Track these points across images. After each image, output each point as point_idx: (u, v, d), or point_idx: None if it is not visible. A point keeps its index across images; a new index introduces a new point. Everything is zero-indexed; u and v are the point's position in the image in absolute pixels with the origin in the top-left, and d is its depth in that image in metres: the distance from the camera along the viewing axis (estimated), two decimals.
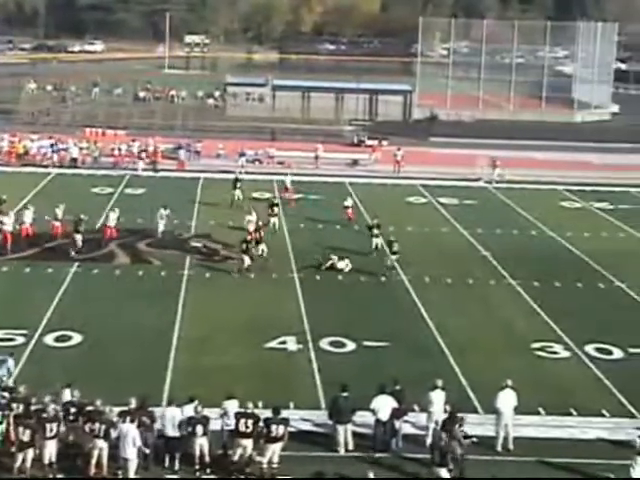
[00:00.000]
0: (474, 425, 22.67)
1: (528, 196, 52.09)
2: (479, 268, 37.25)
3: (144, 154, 55.63)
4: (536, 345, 29.04)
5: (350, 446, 21.80)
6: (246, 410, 20.97)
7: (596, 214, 48.67)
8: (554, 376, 26.77)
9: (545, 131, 71.95)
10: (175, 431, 20.86)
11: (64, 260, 35.46)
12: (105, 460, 20.24)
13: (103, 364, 26.00)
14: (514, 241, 42.14)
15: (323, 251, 37.02)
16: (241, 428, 20.59)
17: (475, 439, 21.30)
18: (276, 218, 41.35)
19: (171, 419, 20.87)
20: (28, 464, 20.06)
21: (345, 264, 35.79)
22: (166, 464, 20.71)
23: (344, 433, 21.81)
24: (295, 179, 50.19)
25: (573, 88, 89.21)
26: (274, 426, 20.49)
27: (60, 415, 20.60)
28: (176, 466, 20.67)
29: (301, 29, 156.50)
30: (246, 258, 35.08)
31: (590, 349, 28.83)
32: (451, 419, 21.03)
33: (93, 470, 20.15)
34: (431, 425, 22.00)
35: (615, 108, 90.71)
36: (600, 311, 32.84)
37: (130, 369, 23.44)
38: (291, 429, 21.91)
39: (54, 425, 20.17)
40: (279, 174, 53.62)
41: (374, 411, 21.90)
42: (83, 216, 38.09)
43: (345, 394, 22.05)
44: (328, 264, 35.74)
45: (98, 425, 20.17)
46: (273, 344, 28.28)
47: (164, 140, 59.95)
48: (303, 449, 21.66)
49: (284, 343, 28.41)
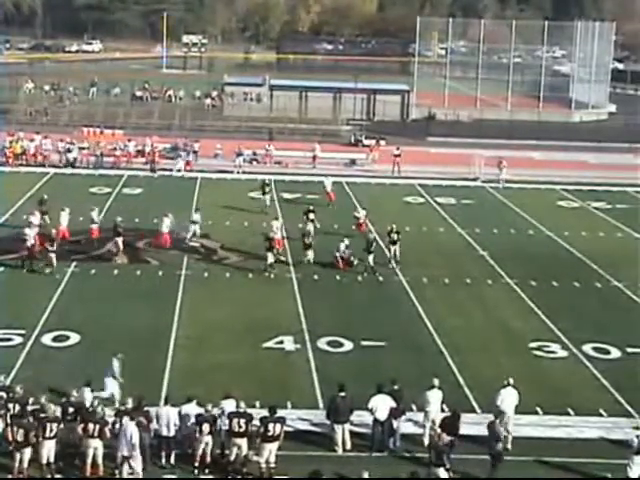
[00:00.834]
0: (471, 425, 22.73)
1: (525, 196, 52.13)
2: (476, 268, 37.28)
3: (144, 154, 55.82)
4: (534, 345, 29.08)
5: (348, 446, 21.84)
6: (239, 410, 21.02)
7: (593, 214, 48.72)
8: (552, 376, 26.81)
9: (542, 131, 71.98)
10: (171, 431, 20.87)
11: (62, 260, 35.39)
12: (100, 460, 20.26)
13: (101, 364, 25.96)
14: (511, 241, 42.17)
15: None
16: (235, 428, 20.64)
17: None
18: (312, 225, 39.67)
19: (166, 418, 20.89)
20: (25, 464, 20.08)
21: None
22: (163, 463, 20.75)
23: (342, 433, 21.84)
24: (293, 179, 50.20)
25: (570, 88, 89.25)
26: (271, 425, 20.50)
27: (59, 415, 20.62)
28: (170, 463, 20.72)
29: (299, 29, 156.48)
30: (270, 255, 35.32)
31: (588, 349, 28.87)
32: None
33: (89, 470, 20.18)
34: (428, 424, 22.03)
35: (612, 108, 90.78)
36: (597, 311, 32.89)
37: (128, 369, 23.41)
38: (289, 429, 21.98)
39: (54, 425, 20.19)
40: (277, 174, 53.78)
41: (372, 410, 21.93)
42: (120, 220, 38.00)
43: (343, 394, 22.07)
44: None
45: (92, 425, 20.19)
46: (271, 344, 28.30)
47: (162, 140, 59.93)
48: (301, 449, 21.70)
49: (282, 343, 28.44)
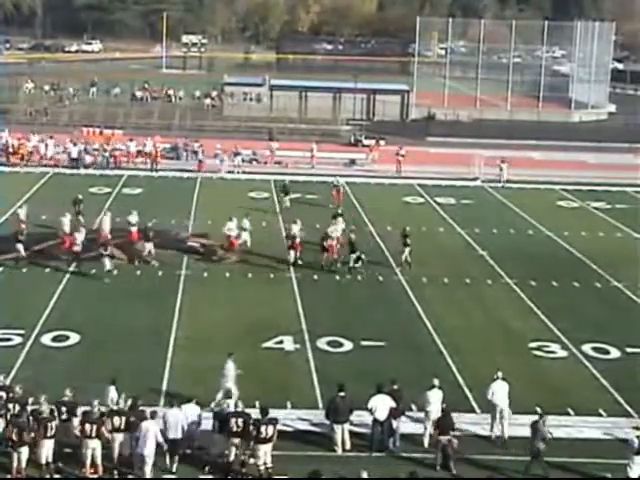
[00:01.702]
0: (471, 424, 22.76)
1: (525, 196, 52.13)
2: (476, 268, 37.28)
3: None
4: (533, 345, 29.10)
5: (347, 446, 21.84)
6: (237, 409, 21.02)
7: (593, 214, 48.72)
8: (551, 376, 26.83)
9: (542, 131, 71.98)
10: (178, 433, 20.82)
11: (61, 260, 35.38)
12: (99, 460, 20.27)
13: (100, 364, 26.00)
14: (511, 241, 42.17)
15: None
16: (233, 428, 20.64)
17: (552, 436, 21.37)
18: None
19: (174, 421, 20.82)
20: (23, 464, 20.09)
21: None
22: (167, 466, 20.72)
23: (341, 433, 21.85)
24: (292, 179, 50.18)
25: (570, 88, 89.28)
26: (263, 427, 20.45)
27: (56, 414, 20.64)
28: (174, 468, 20.71)
29: (298, 29, 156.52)
30: (325, 255, 35.41)
31: (587, 348, 28.88)
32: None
33: (88, 470, 20.18)
34: (428, 424, 22.03)
35: (612, 108, 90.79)
36: (597, 311, 32.89)
37: (127, 369, 23.44)
38: (288, 429, 22.02)
39: (52, 424, 20.21)
40: (276, 174, 53.80)
41: (371, 410, 21.93)
42: (150, 224, 37.98)
43: (342, 394, 22.08)
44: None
45: (89, 425, 20.20)
46: (270, 344, 28.31)
47: (164, 140, 59.94)
48: (300, 449, 21.72)
49: (281, 343, 28.45)
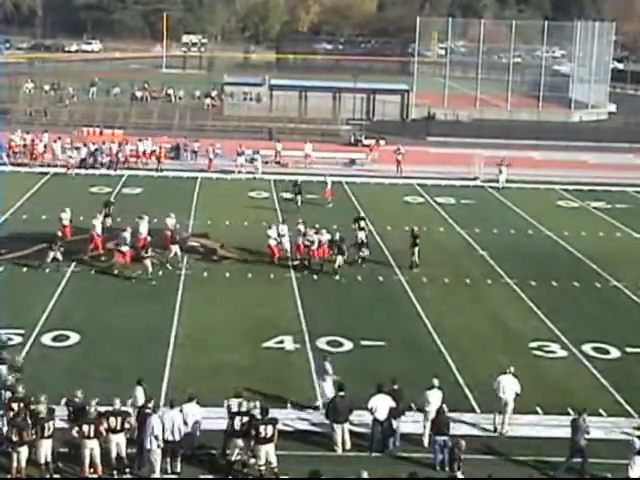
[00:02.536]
0: (470, 425, 22.77)
1: (525, 195, 52.15)
2: (476, 267, 37.29)
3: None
4: (533, 344, 29.11)
5: (347, 445, 21.84)
6: (240, 409, 21.02)
7: (593, 213, 48.73)
8: (551, 375, 26.84)
9: (542, 131, 71.97)
10: (176, 435, 20.77)
11: (62, 260, 35.38)
12: (98, 460, 20.27)
13: (100, 363, 26.03)
14: (511, 241, 42.18)
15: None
16: (236, 427, 20.65)
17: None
18: (363, 232, 38.38)
19: (171, 422, 20.76)
20: (23, 464, 20.10)
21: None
22: (167, 468, 20.71)
23: (341, 432, 21.85)
24: (292, 179, 50.21)
25: (570, 88, 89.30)
26: (262, 427, 20.42)
27: (54, 414, 20.64)
28: (178, 468, 20.71)
29: (298, 29, 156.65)
30: (339, 258, 35.39)
31: (587, 348, 28.89)
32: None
33: (87, 471, 20.18)
34: (428, 424, 22.03)
35: (612, 108, 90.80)
36: (597, 310, 32.90)
37: (128, 368, 23.44)
38: (288, 429, 22.01)
39: (50, 424, 20.20)
40: (277, 174, 53.90)
41: (371, 410, 21.93)
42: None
43: (342, 393, 22.08)
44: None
45: (87, 426, 20.19)
46: (271, 343, 28.32)
47: (169, 140, 60.02)
48: (300, 448, 21.72)
49: (281, 343, 28.46)
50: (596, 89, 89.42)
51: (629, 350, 28.95)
